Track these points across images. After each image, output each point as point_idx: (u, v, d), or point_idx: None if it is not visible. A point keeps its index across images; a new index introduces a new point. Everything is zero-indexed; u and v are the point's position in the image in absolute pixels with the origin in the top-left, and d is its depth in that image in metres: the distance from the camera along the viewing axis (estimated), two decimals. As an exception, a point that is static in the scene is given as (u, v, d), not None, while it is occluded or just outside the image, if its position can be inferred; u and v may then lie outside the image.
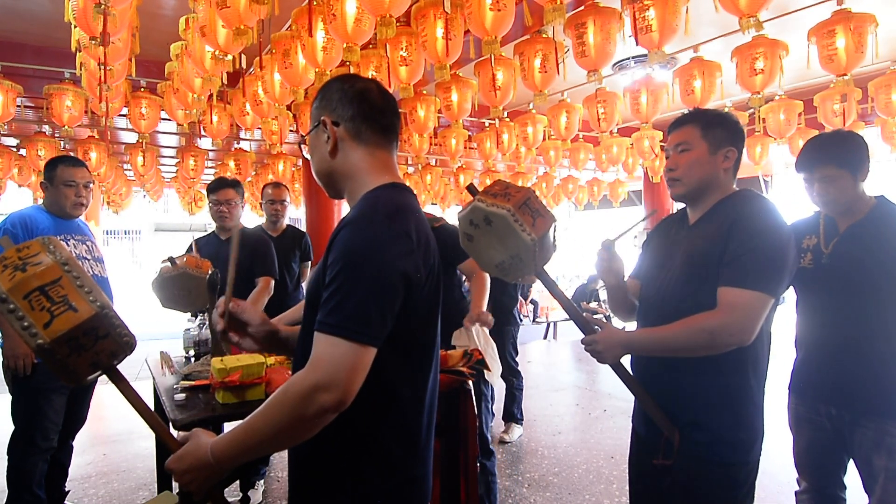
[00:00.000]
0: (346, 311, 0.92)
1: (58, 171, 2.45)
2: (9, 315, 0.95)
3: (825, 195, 1.79)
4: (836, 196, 1.78)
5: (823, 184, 1.78)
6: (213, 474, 0.96)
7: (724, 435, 1.38)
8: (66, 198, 2.46)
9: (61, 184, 2.45)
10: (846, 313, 1.77)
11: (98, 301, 1.01)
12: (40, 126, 5.02)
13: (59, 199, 2.46)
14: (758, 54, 2.94)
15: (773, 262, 1.33)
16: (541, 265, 1.41)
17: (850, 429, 1.80)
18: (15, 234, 2.30)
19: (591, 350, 1.46)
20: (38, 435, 2.36)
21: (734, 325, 1.31)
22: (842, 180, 1.76)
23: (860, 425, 1.77)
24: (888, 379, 1.73)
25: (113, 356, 1.05)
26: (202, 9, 2.42)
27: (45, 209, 2.50)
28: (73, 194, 2.47)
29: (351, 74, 1.16)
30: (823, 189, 1.79)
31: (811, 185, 1.83)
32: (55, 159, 2.53)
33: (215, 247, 3.01)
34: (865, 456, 1.77)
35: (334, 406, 0.90)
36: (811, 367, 1.89)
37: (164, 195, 9.46)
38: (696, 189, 1.50)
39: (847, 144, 1.80)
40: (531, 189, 1.42)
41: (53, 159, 2.53)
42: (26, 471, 2.35)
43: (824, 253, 1.82)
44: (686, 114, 1.56)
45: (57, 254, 1.03)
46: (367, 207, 1.02)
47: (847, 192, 1.77)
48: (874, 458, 1.74)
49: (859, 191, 1.79)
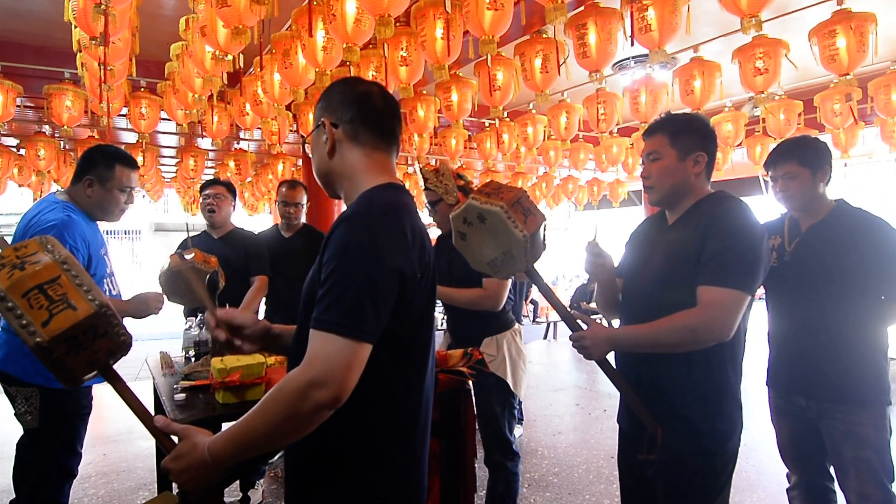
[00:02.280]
0: (341, 307, 0.92)
1: (116, 173, 2.11)
2: (7, 313, 0.95)
3: (786, 191, 1.93)
4: (795, 192, 1.92)
5: (785, 180, 1.93)
6: (211, 473, 0.96)
7: (703, 426, 1.45)
8: (118, 203, 2.16)
9: (117, 188, 2.13)
10: (810, 308, 1.88)
11: (97, 300, 1.01)
12: (40, 126, 5.02)
13: (108, 205, 2.14)
14: (759, 54, 2.94)
15: (747, 260, 1.40)
16: (531, 262, 1.48)
17: (819, 421, 1.89)
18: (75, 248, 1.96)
19: (579, 346, 1.52)
20: (74, 462, 2.10)
21: (714, 323, 1.37)
22: (802, 177, 1.90)
23: (829, 417, 1.86)
24: (854, 370, 1.82)
25: (110, 355, 1.05)
26: (202, 9, 2.42)
27: (80, 209, 2.11)
28: (124, 200, 2.17)
29: (354, 77, 1.18)
30: (785, 185, 1.93)
31: (776, 182, 1.97)
32: (112, 155, 2.14)
33: (206, 245, 3.01)
34: (836, 449, 1.86)
35: (330, 402, 0.90)
36: (781, 360, 2.00)
37: (164, 195, 9.45)
38: (669, 195, 1.57)
39: (808, 146, 1.94)
40: (522, 189, 1.50)
41: (108, 154, 2.14)
42: (56, 500, 2.06)
43: (787, 251, 1.95)
44: (655, 122, 1.62)
45: (55, 253, 1.03)
46: (363, 206, 1.03)
47: (806, 190, 1.91)
48: (844, 450, 1.83)
49: (819, 191, 1.92)
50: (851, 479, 1.82)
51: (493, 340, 2.37)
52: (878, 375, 1.83)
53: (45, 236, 1.06)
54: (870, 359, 1.83)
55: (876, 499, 1.79)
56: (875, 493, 1.79)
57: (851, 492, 1.84)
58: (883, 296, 1.83)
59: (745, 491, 3.06)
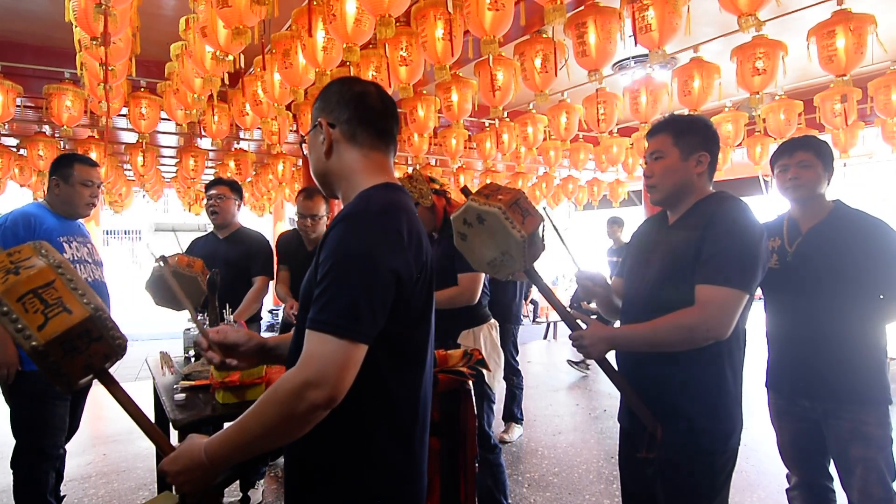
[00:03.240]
0: (336, 308, 0.92)
1: (75, 170, 2.38)
2: (2, 318, 0.95)
3: (798, 178, 1.92)
4: (806, 181, 1.91)
5: (799, 168, 1.92)
6: (208, 474, 0.96)
7: (702, 424, 1.45)
8: (82, 197, 2.40)
9: (79, 183, 2.37)
10: (813, 309, 1.87)
11: (92, 303, 1.01)
12: (40, 126, 5.02)
13: (73, 199, 2.39)
14: (758, 54, 2.95)
15: (746, 259, 1.41)
16: (530, 262, 1.50)
17: (824, 421, 1.89)
18: (16, 233, 2.22)
19: (578, 345, 1.53)
20: (46, 443, 2.26)
21: (711, 321, 1.38)
22: (815, 169, 1.90)
23: (835, 417, 1.86)
24: (857, 370, 1.83)
25: (106, 359, 1.05)
26: (203, 9, 2.42)
27: (48, 207, 2.41)
28: (88, 194, 2.41)
29: (352, 77, 1.17)
30: (798, 173, 1.92)
31: (786, 171, 1.95)
32: (70, 157, 2.45)
33: (212, 245, 3.01)
34: (842, 448, 1.85)
35: (325, 403, 0.90)
36: (783, 362, 1.99)
37: (164, 195, 9.46)
38: (671, 194, 1.58)
39: (823, 144, 1.96)
40: (521, 190, 1.53)
41: (68, 157, 2.45)
42: (37, 481, 2.24)
43: (789, 252, 1.94)
44: (659, 122, 1.63)
45: (49, 257, 1.03)
46: (359, 206, 1.02)
47: (816, 182, 1.91)
48: (850, 449, 1.83)
49: (824, 188, 1.93)
50: (855, 477, 1.82)
51: (471, 333, 2.45)
52: (879, 374, 1.84)
53: (38, 241, 1.06)
54: (871, 357, 1.84)
55: (878, 497, 1.79)
56: (878, 491, 1.79)
57: (854, 491, 1.83)
58: (882, 295, 1.84)
59: (745, 491, 3.06)
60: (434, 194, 2.39)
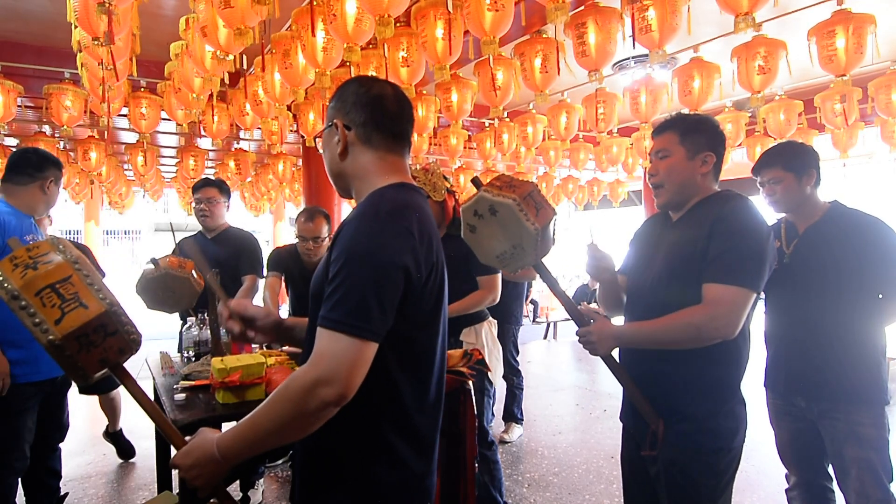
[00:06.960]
0: (347, 306, 0.93)
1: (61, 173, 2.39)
2: (21, 312, 0.97)
3: (772, 195, 1.99)
4: (781, 196, 1.96)
5: (771, 185, 1.98)
6: (219, 469, 0.98)
7: (707, 423, 1.44)
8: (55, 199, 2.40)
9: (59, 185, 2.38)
10: (810, 308, 1.89)
11: (107, 298, 1.03)
12: (40, 126, 5.02)
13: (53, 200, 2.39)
14: (760, 54, 2.95)
15: (753, 258, 1.40)
16: (540, 256, 1.47)
17: (820, 422, 1.89)
18: None
19: (585, 341, 1.52)
20: (14, 457, 2.21)
21: (719, 320, 1.37)
22: (786, 182, 1.94)
23: (830, 417, 1.86)
24: (854, 370, 1.83)
25: (120, 353, 1.07)
26: (203, 9, 2.42)
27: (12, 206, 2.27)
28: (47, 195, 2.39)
29: (369, 78, 1.17)
30: (771, 189, 1.99)
31: (763, 188, 2.02)
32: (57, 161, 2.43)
33: (201, 245, 3.00)
34: (837, 449, 1.85)
35: (335, 400, 0.92)
36: (781, 362, 2.00)
37: (164, 195, 9.46)
38: (676, 195, 1.57)
39: (792, 152, 1.99)
40: (534, 183, 1.49)
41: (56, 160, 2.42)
42: (4, 496, 2.20)
43: (786, 253, 1.96)
44: (666, 120, 1.62)
45: (67, 253, 1.06)
46: (371, 205, 1.03)
47: (791, 193, 1.95)
48: (846, 450, 1.83)
49: (805, 193, 1.95)
50: (851, 479, 1.82)
51: (472, 330, 2.48)
52: (876, 374, 1.83)
53: (56, 237, 1.09)
54: (868, 358, 1.84)
55: (876, 499, 1.79)
56: (875, 492, 1.79)
57: (851, 492, 1.84)
58: (880, 294, 1.84)
59: (745, 491, 3.06)
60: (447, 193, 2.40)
